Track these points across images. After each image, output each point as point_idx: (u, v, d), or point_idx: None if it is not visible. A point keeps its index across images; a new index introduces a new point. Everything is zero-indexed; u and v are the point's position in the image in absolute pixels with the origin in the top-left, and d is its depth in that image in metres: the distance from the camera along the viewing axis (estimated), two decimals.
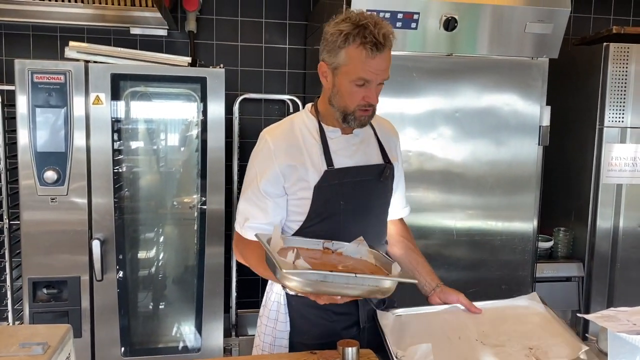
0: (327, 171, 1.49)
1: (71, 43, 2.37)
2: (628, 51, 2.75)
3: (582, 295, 2.93)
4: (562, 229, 3.01)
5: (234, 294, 3.02)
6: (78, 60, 2.34)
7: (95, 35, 2.98)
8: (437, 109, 2.53)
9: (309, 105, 1.61)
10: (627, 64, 2.75)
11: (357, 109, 1.47)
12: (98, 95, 2.32)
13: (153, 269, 2.70)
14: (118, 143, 2.42)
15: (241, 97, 3.00)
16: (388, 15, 2.31)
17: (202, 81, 2.42)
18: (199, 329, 2.58)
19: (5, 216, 2.53)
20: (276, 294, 1.58)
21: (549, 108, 2.59)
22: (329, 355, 1.36)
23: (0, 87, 2.63)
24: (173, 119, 2.65)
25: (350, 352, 1.30)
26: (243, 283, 3.08)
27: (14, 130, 2.29)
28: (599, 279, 2.90)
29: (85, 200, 2.35)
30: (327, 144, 1.52)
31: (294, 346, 1.55)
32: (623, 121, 2.79)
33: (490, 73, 2.54)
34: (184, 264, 2.69)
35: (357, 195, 1.55)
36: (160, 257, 2.72)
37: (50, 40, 2.97)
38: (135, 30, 3.00)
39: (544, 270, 2.87)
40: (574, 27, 3.39)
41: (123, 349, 2.49)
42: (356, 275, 1.23)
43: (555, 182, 3.08)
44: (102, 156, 2.36)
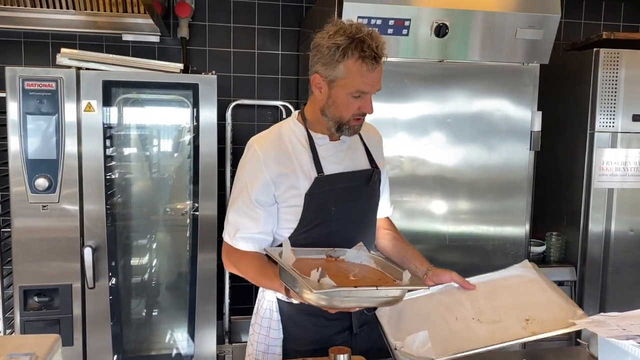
0: (318, 178, 1.50)
1: (63, 50, 2.36)
2: (618, 56, 2.77)
3: (575, 299, 2.94)
4: (555, 233, 3.03)
5: (227, 300, 3.01)
6: (70, 67, 2.33)
7: (87, 41, 2.98)
8: (429, 115, 2.54)
9: (295, 112, 1.62)
10: (617, 69, 2.77)
11: (352, 118, 1.49)
12: (90, 102, 2.31)
13: (146, 276, 2.69)
14: (110, 150, 2.41)
15: (234, 103, 3.00)
16: (379, 22, 2.33)
17: (194, 87, 2.42)
18: (192, 335, 2.57)
19: None
20: (268, 302, 1.58)
21: (540, 113, 2.61)
22: None
23: None
24: (165, 125, 2.65)
25: (342, 359, 1.30)
26: (236, 290, 3.07)
27: (5, 138, 2.28)
28: (591, 283, 2.91)
29: (76, 207, 2.34)
30: (316, 151, 1.53)
31: (287, 353, 1.55)
32: (614, 126, 2.81)
33: (482, 79, 2.55)
34: (176, 271, 2.68)
35: (348, 200, 1.56)
36: (153, 264, 2.71)
37: (42, 47, 2.96)
38: (127, 37, 3.00)
39: None
40: (565, 33, 3.42)
41: (115, 356, 2.48)
42: (377, 287, 1.26)
43: (547, 187, 3.10)
44: (94, 163, 2.35)
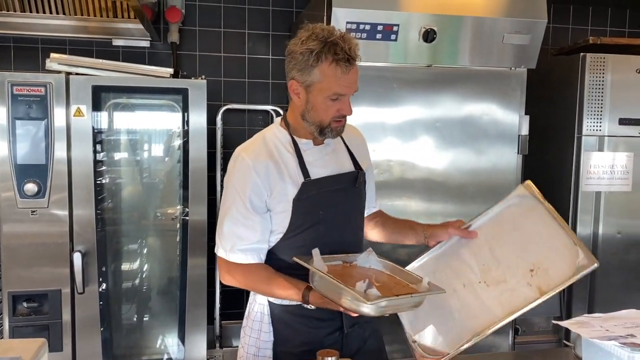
0: (305, 183, 1.51)
1: (52, 55, 2.36)
2: (604, 61, 2.80)
3: (564, 302, 2.96)
4: None
5: (217, 305, 3.01)
6: (59, 72, 2.33)
7: (77, 46, 2.98)
8: (418, 119, 2.56)
9: (278, 119, 1.63)
10: (604, 73, 2.81)
11: (332, 120, 1.50)
12: (79, 107, 2.32)
13: (136, 281, 2.69)
14: (100, 154, 2.41)
15: (224, 108, 3.01)
16: (368, 27, 2.35)
17: (184, 92, 2.42)
18: (182, 340, 2.57)
19: None
20: (259, 305, 1.59)
21: (527, 117, 2.64)
22: None
23: None
24: (155, 130, 2.65)
25: None
26: (227, 294, 3.07)
27: None
28: (579, 285, 2.92)
29: (66, 212, 2.34)
30: (302, 156, 1.54)
31: (277, 355, 1.56)
32: (600, 129, 2.84)
33: (470, 83, 2.58)
34: (166, 276, 2.68)
35: (335, 203, 1.57)
36: (143, 269, 2.70)
37: (31, 52, 2.96)
38: (117, 42, 3.00)
39: None
40: (553, 38, 3.45)
41: None
42: (412, 295, 1.34)
43: None
44: (84, 168, 2.35)
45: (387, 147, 2.53)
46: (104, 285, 2.45)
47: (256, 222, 1.50)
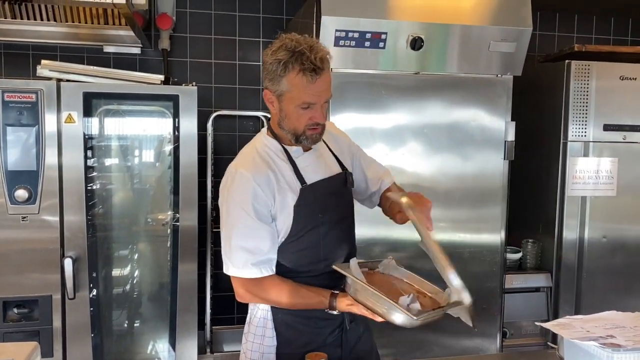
0: (303, 189, 1.55)
1: (43, 61, 2.37)
2: (589, 68, 2.86)
3: (551, 305, 3.00)
4: (530, 240, 3.09)
5: (208, 310, 3.02)
6: (50, 78, 2.35)
7: (68, 53, 2.99)
8: (406, 125, 2.59)
9: (263, 129, 1.66)
10: (588, 80, 2.86)
11: (306, 128, 1.53)
12: (70, 114, 2.33)
13: (127, 287, 2.69)
14: (91, 160, 2.43)
15: (215, 114, 3.03)
16: (357, 35, 2.38)
17: (175, 99, 2.44)
18: (173, 346, 2.57)
19: None
20: (262, 310, 1.61)
21: (513, 123, 2.68)
22: None
23: None
24: (146, 136, 2.67)
25: None
26: (218, 300, 3.08)
27: None
28: (566, 288, 2.97)
29: (57, 218, 2.35)
30: (295, 163, 1.58)
31: (281, 358, 1.58)
32: (585, 135, 2.89)
33: (457, 90, 2.61)
34: (157, 281, 2.69)
35: (332, 205, 1.62)
36: (134, 275, 2.71)
37: (22, 59, 2.97)
38: (108, 49, 3.02)
39: (514, 281, 2.94)
40: (539, 45, 3.51)
41: None
42: (443, 308, 1.44)
43: (523, 195, 3.16)
44: (75, 174, 2.36)
45: (376, 153, 2.53)
46: (94, 291, 2.46)
47: (266, 232, 1.51)
